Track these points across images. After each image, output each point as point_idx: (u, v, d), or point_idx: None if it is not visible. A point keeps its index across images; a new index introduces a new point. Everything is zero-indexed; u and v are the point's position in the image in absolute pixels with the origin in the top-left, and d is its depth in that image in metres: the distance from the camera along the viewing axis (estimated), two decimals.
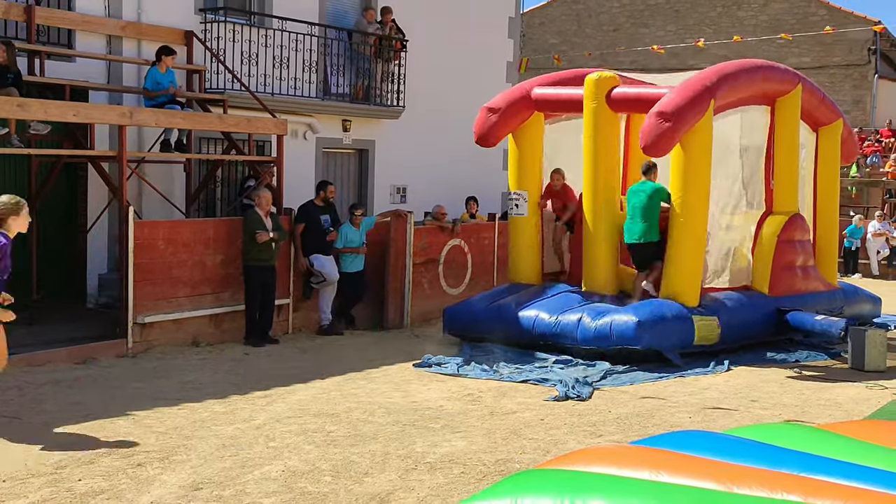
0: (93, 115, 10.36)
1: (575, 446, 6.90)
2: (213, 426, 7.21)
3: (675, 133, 10.36)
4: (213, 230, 11.03)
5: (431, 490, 5.83)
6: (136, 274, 10.13)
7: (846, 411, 8.33)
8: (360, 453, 6.56)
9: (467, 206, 15.13)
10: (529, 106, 11.89)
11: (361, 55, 15.14)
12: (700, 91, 10.55)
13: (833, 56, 26.34)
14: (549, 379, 9.20)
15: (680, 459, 3.98)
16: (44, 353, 9.50)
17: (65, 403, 7.81)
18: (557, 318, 10.59)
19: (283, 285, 11.57)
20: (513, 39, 18.53)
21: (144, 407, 7.71)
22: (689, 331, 10.47)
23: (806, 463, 3.92)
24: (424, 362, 9.93)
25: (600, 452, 4.15)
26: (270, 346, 10.78)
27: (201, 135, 12.87)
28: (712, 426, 7.50)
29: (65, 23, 11.76)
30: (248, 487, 5.79)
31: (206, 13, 13.05)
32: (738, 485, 3.63)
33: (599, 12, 29.76)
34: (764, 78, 11.63)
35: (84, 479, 5.84)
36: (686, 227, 10.72)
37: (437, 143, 16.34)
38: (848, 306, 12.70)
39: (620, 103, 11.29)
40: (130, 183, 11.40)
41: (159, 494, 5.60)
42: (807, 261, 12.30)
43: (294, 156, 13.66)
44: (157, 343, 10.31)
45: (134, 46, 12.42)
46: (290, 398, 8.26)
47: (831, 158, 13.26)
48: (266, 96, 13.18)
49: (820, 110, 12.92)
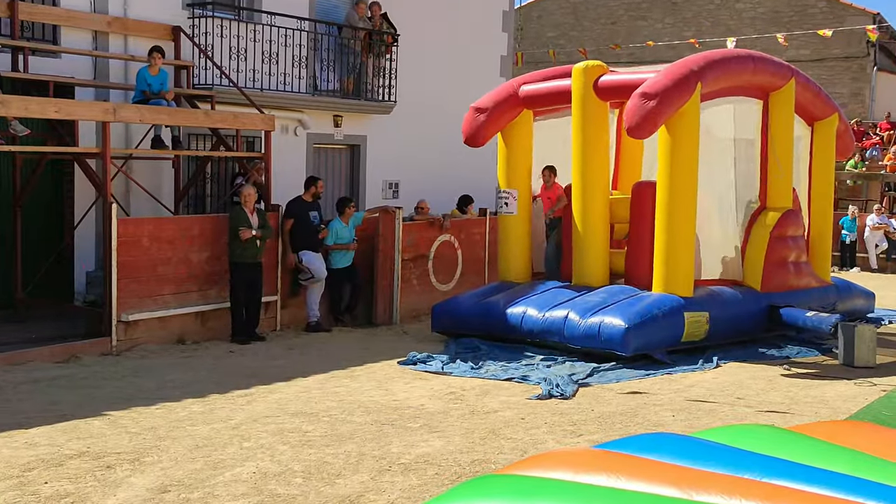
0: (75, 112, 10.27)
1: (554, 446, 6.82)
2: (189, 426, 7.14)
3: (660, 113, 10.21)
4: (198, 227, 10.94)
5: (403, 492, 5.75)
6: (120, 271, 10.05)
7: (833, 409, 8.23)
8: (335, 454, 6.48)
9: (464, 208, 14.92)
10: (517, 104, 11.79)
11: (352, 50, 15.03)
12: (685, 73, 10.43)
13: (832, 48, 26.15)
14: (532, 377, 9.11)
15: (641, 464, 3.89)
16: (26, 351, 9.44)
17: (42, 403, 7.73)
18: (545, 315, 10.49)
19: (271, 282, 11.49)
20: (507, 33, 18.41)
21: (121, 407, 7.64)
22: (679, 327, 10.37)
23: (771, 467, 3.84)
24: (409, 360, 9.85)
25: (560, 456, 4.05)
26: (256, 344, 10.71)
27: (189, 131, 12.79)
28: (696, 424, 7.41)
29: (50, 18, 11.67)
30: (217, 490, 5.71)
31: (194, 8, 12.95)
32: (697, 490, 3.55)
33: (597, 5, 29.60)
34: (755, 68, 11.49)
35: (51, 481, 5.77)
36: (675, 214, 10.58)
37: (429, 139, 16.24)
38: (841, 302, 12.59)
39: (608, 91, 11.17)
40: (118, 180, 11.35)
41: (125, 497, 5.52)
42: (799, 256, 12.18)
43: (285, 152, 13.59)
44: (141, 341, 10.23)
45: (120, 42, 12.33)
46: (270, 397, 8.18)
47: (826, 153, 13.15)
48: (255, 92, 13.09)
49: (815, 104, 12.80)
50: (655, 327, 10.15)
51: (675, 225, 10.59)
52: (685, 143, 10.53)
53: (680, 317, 10.37)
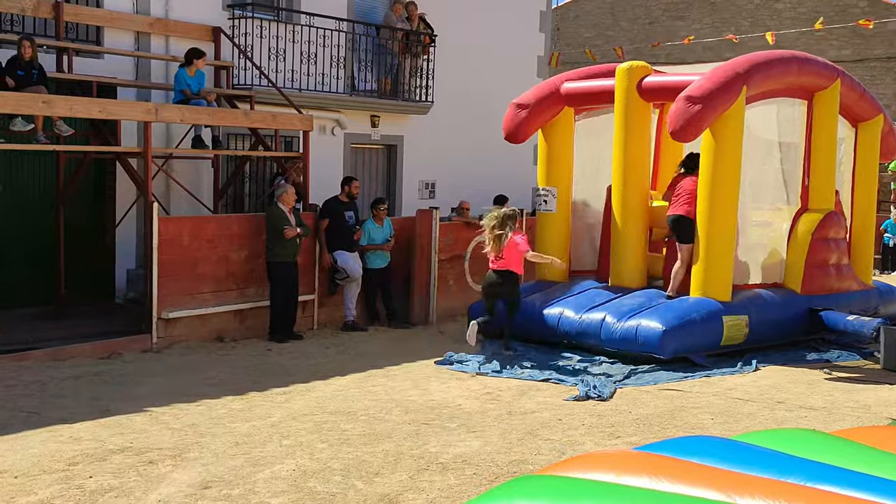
0: (118, 112, 10.41)
1: (592, 448, 6.81)
2: (229, 423, 7.21)
3: (704, 117, 10.14)
4: (237, 226, 11.05)
5: (442, 491, 5.77)
6: (161, 270, 10.17)
7: (875, 414, 8.12)
8: (373, 452, 6.51)
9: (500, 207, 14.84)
10: (559, 101, 11.75)
11: (389, 50, 15.08)
12: (731, 76, 10.32)
13: (874, 48, 25.78)
14: (569, 378, 9.08)
15: (683, 466, 3.87)
16: (69, 347, 9.60)
17: (85, 399, 7.85)
18: (582, 317, 10.46)
19: (308, 281, 11.56)
20: (544, 33, 18.38)
21: (162, 403, 7.74)
22: (717, 332, 10.27)
23: (814, 472, 3.80)
24: (446, 360, 9.87)
25: (601, 458, 4.04)
26: (294, 343, 10.78)
27: (229, 131, 12.91)
28: (734, 428, 7.36)
29: (93, 20, 11.85)
30: (258, 486, 5.76)
31: (234, 9, 13.08)
32: (740, 494, 3.52)
33: (634, 5, 29.43)
34: (799, 70, 11.35)
35: (95, 476, 5.86)
36: (716, 219, 10.50)
37: (466, 139, 16.25)
38: (883, 306, 12.41)
39: (652, 92, 11.10)
40: (158, 179, 11.48)
41: (168, 493, 5.59)
42: (841, 259, 12.02)
43: (322, 152, 13.67)
44: (181, 338, 10.35)
45: (162, 43, 12.49)
46: (308, 395, 8.24)
47: (870, 155, 12.96)
48: (293, 92, 13.19)
49: (860, 105, 12.62)
50: (693, 330, 10.07)
51: (716, 228, 10.51)
52: (729, 147, 10.44)
53: (718, 321, 10.28)
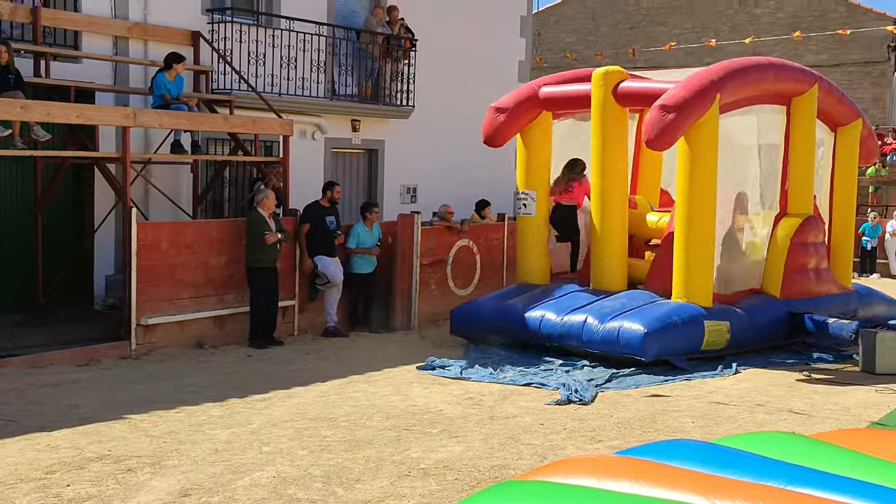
0: (96, 117, 10.34)
1: (573, 452, 6.80)
2: (209, 430, 7.15)
3: (679, 126, 10.19)
4: (216, 231, 10.99)
5: (423, 497, 5.74)
6: (140, 275, 10.10)
7: (854, 417, 8.16)
8: (354, 459, 6.48)
9: (481, 211, 14.89)
10: (537, 105, 11.78)
11: (370, 55, 15.06)
12: (705, 85, 10.38)
13: (851, 53, 26.00)
14: (550, 383, 9.08)
15: (664, 470, 3.87)
16: (47, 354, 9.51)
17: (63, 406, 7.78)
18: (564, 319, 10.47)
19: (289, 287, 11.51)
20: (525, 38, 18.41)
21: (141, 410, 7.67)
22: (699, 336, 10.30)
23: (794, 475, 3.81)
24: (428, 365, 9.84)
25: (582, 463, 4.04)
26: (274, 348, 10.73)
27: (208, 136, 12.84)
28: (715, 431, 7.38)
29: (71, 24, 11.76)
30: (237, 494, 5.72)
31: (214, 13, 13.03)
32: (720, 498, 3.53)
33: (615, 10, 29.56)
34: (776, 76, 11.43)
35: (73, 484, 5.80)
36: (694, 225, 10.54)
37: (447, 143, 16.25)
38: (862, 309, 12.48)
39: (627, 98, 11.15)
40: (137, 184, 11.40)
41: (146, 501, 5.54)
42: (820, 263, 12.10)
43: (302, 156, 13.62)
44: (160, 345, 10.27)
45: (140, 47, 12.41)
46: (288, 402, 8.19)
47: (849, 159, 13.06)
48: (273, 97, 13.14)
49: (838, 110, 12.71)
50: (675, 333, 10.10)
51: (695, 235, 10.55)
52: (704, 154, 10.50)
53: (700, 325, 10.31)
